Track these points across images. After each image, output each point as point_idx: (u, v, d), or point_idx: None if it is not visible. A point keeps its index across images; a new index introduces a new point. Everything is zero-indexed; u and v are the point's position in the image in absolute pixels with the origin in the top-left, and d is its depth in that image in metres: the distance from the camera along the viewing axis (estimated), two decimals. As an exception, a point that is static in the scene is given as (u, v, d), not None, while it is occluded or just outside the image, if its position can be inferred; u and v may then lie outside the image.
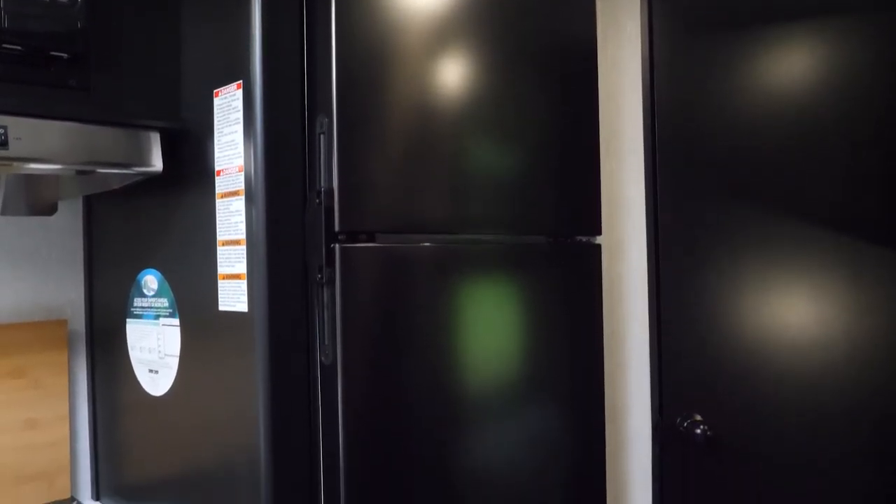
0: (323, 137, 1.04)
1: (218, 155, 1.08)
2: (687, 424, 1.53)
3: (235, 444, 1.06)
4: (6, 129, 1.01)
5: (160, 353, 1.22)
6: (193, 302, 1.14)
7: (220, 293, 1.08)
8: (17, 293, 1.44)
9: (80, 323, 1.51)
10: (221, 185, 1.08)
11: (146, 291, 1.26)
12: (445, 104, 1.16)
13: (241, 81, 1.04)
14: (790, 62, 1.45)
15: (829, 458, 1.41)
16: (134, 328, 1.30)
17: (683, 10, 1.56)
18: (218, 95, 1.09)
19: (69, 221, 1.50)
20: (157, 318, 1.23)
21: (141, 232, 1.28)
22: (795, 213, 1.44)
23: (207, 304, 1.11)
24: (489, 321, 1.22)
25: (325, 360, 1.04)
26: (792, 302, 1.44)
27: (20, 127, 1.02)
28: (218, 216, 1.08)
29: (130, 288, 1.31)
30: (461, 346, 1.17)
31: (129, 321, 1.32)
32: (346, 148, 1.03)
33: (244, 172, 1.03)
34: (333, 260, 1.02)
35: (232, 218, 1.06)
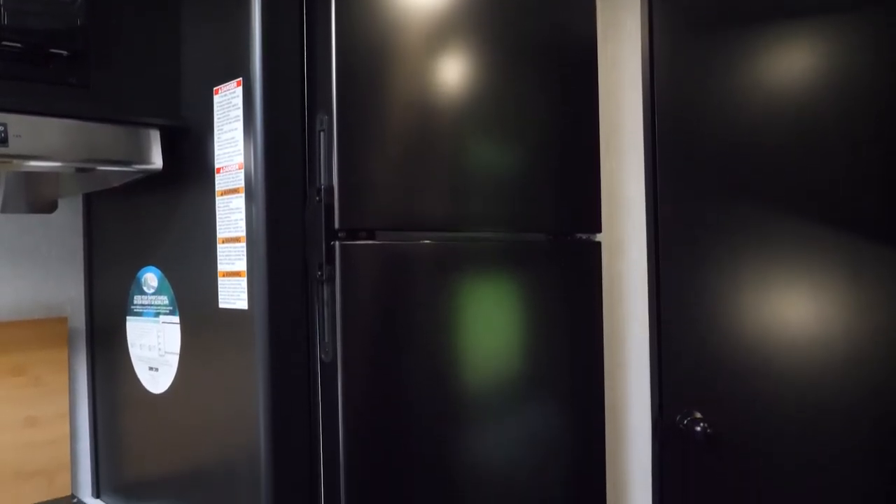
0: (323, 135, 1.04)
1: (218, 152, 1.08)
2: (687, 422, 1.53)
3: (235, 441, 1.06)
4: (6, 126, 1.01)
5: (160, 350, 1.22)
6: (193, 299, 1.14)
7: (220, 290, 1.08)
8: (17, 291, 1.45)
9: (80, 320, 1.51)
10: (221, 182, 1.08)
11: (146, 289, 1.26)
12: (445, 102, 1.16)
13: (241, 79, 1.04)
14: (790, 60, 1.45)
15: (828, 455, 1.42)
16: (134, 326, 1.30)
17: (684, 7, 1.56)
18: (218, 93, 1.09)
19: (69, 219, 1.50)
20: (157, 315, 1.23)
21: (141, 229, 1.28)
22: (795, 210, 1.44)
23: (207, 301, 1.11)
24: (489, 319, 1.22)
25: (325, 357, 1.04)
26: (792, 299, 1.44)
27: (20, 124, 1.02)
28: (218, 213, 1.08)
29: (130, 285, 1.31)
30: (461, 343, 1.17)
31: (129, 319, 1.32)
32: (346, 145, 1.03)
33: (244, 170, 1.03)
34: (333, 257, 1.02)
35: (232, 215, 1.06)
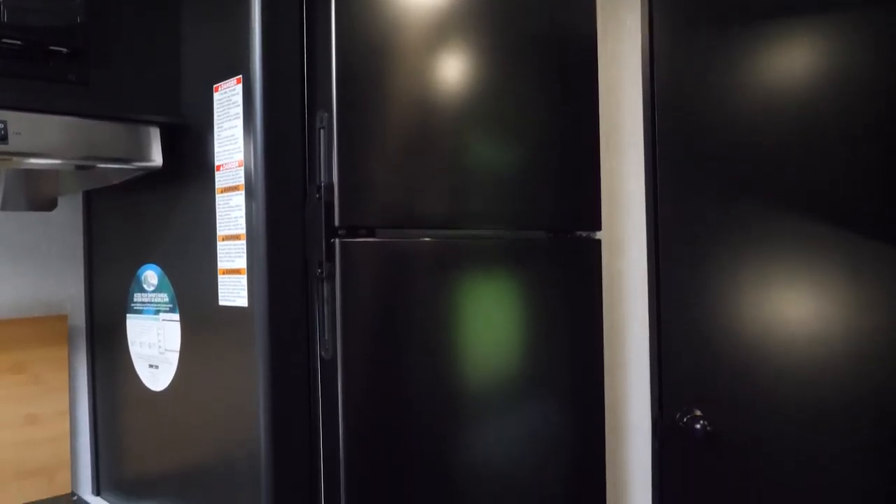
0: (323, 132, 1.04)
1: (218, 150, 1.08)
2: (686, 420, 1.53)
3: (235, 438, 1.06)
4: (6, 123, 1.01)
5: (160, 348, 1.22)
6: (193, 297, 1.14)
7: (220, 288, 1.08)
8: (17, 288, 1.44)
9: (80, 318, 1.51)
10: (221, 180, 1.08)
11: (146, 286, 1.26)
12: (445, 99, 1.16)
13: (240, 76, 1.04)
14: (791, 57, 1.45)
15: (828, 453, 1.42)
16: (134, 323, 1.30)
17: (684, 3, 1.55)
18: (218, 90, 1.09)
19: (69, 217, 1.50)
20: (157, 313, 1.23)
21: (141, 227, 1.28)
22: (796, 208, 1.44)
23: (207, 299, 1.11)
24: (489, 316, 1.22)
25: (325, 354, 1.04)
26: (792, 297, 1.44)
27: (20, 122, 1.02)
28: (218, 211, 1.08)
29: (130, 283, 1.31)
30: (461, 341, 1.17)
31: (129, 316, 1.32)
32: (345, 143, 1.03)
33: (244, 167, 1.03)
34: (333, 255, 1.02)
35: (232, 213, 1.05)
